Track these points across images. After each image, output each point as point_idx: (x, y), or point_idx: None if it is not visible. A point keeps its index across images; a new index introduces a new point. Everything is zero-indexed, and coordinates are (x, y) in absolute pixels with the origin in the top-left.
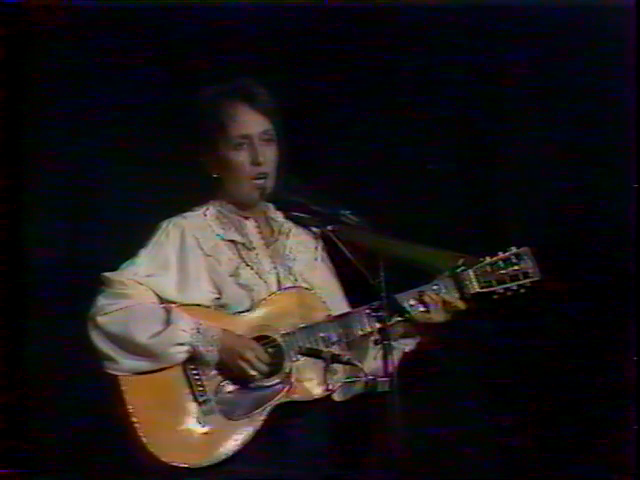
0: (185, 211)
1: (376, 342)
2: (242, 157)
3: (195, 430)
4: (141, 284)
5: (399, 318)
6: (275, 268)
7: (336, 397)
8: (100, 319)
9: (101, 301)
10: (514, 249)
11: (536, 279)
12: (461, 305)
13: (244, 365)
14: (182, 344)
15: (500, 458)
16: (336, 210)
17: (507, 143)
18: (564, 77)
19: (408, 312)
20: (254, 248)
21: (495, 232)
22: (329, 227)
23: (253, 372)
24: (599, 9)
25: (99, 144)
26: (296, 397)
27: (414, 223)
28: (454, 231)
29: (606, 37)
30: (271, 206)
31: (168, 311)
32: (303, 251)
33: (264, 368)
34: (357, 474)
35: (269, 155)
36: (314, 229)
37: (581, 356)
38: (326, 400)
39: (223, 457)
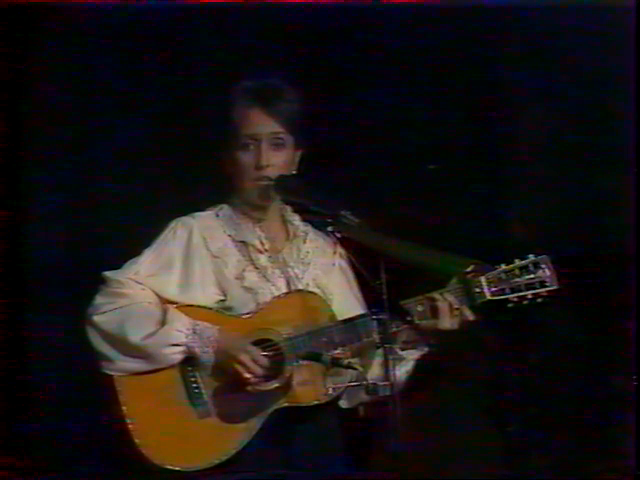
0: (194, 211)
1: (377, 346)
2: (247, 158)
3: (189, 433)
4: (140, 283)
5: (405, 324)
6: (286, 272)
7: (342, 404)
8: (96, 318)
9: (98, 300)
10: (532, 257)
11: (553, 288)
12: (469, 314)
13: (239, 368)
14: (177, 345)
15: (502, 460)
16: (337, 211)
17: (507, 144)
18: (564, 77)
19: (415, 318)
20: (266, 250)
21: (499, 237)
22: (329, 228)
23: (248, 375)
24: (599, 9)
25: (101, 143)
26: (296, 402)
27: (417, 226)
28: (455, 234)
29: (606, 37)
30: (288, 209)
31: (164, 311)
32: (320, 255)
33: (260, 371)
34: (357, 477)
35: (276, 160)
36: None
37: (581, 358)
38: (331, 406)
39: (217, 462)
